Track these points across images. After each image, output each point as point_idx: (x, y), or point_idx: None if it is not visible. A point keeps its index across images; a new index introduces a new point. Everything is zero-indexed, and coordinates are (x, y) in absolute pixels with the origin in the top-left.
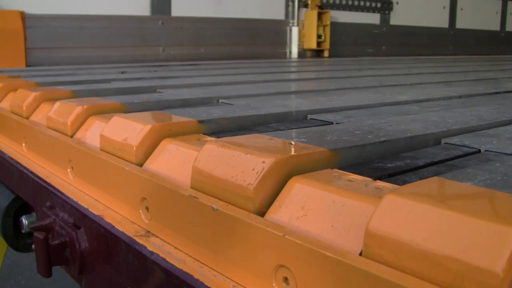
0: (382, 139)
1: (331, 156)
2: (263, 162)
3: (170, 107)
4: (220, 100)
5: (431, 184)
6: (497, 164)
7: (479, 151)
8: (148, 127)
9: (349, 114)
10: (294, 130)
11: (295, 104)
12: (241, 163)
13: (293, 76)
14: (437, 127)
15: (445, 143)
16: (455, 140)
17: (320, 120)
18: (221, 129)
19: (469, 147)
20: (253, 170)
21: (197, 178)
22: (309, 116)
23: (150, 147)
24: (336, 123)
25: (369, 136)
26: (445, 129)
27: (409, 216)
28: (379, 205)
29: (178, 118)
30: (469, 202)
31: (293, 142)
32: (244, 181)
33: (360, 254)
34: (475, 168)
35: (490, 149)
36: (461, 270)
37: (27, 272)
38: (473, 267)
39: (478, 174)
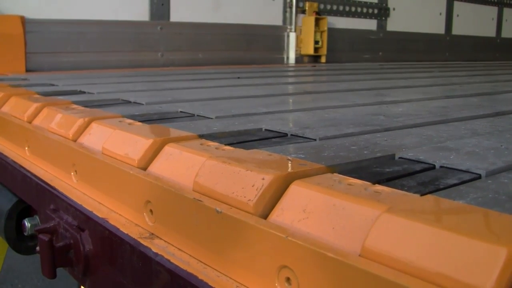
0: (378, 154)
1: (328, 172)
2: (263, 179)
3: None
4: None
5: (425, 202)
6: (489, 181)
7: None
8: (150, 141)
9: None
10: (292, 145)
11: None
12: (241, 179)
13: (290, 88)
14: (431, 142)
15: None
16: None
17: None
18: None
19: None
20: (253, 186)
21: (199, 192)
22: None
23: (150, 161)
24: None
25: (365, 152)
26: (439, 144)
27: (404, 234)
28: (375, 223)
29: (178, 132)
30: (461, 221)
31: (291, 158)
32: (244, 197)
33: None
34: (468, 186)
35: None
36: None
37: (23, 276)
38: (464, 285)
39: (470, 192)
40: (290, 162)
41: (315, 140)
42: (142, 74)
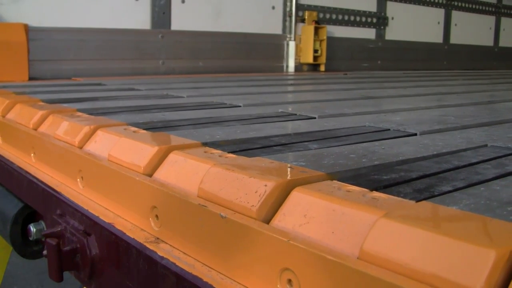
0: (376, 162)
1: (328, 179)
2: (265, 186)
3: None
4: None
5: (420, 208)
6: (482, 188)
7: None
8: (155, 148)
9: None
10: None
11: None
12: (244, 186)
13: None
14: (427, 150)
15: (491, 145)
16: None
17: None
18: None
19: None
20: (256, 192)
21: (203, 198)
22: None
23: (155, 167)
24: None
25: (364, 160)
26: (435, 152)
27: (400, 238)
28: (372, 227)
29: (183, 140)
30: (454, 225)
31: (292, 166)
32: (248, 203)
33: None
34: (462, 192)
35: None
36: None
37: (22, 281)
38: (456, 285)
39: (463, 198)
40: (291, 169)
41: (415, 134)
42: (202, 80)
